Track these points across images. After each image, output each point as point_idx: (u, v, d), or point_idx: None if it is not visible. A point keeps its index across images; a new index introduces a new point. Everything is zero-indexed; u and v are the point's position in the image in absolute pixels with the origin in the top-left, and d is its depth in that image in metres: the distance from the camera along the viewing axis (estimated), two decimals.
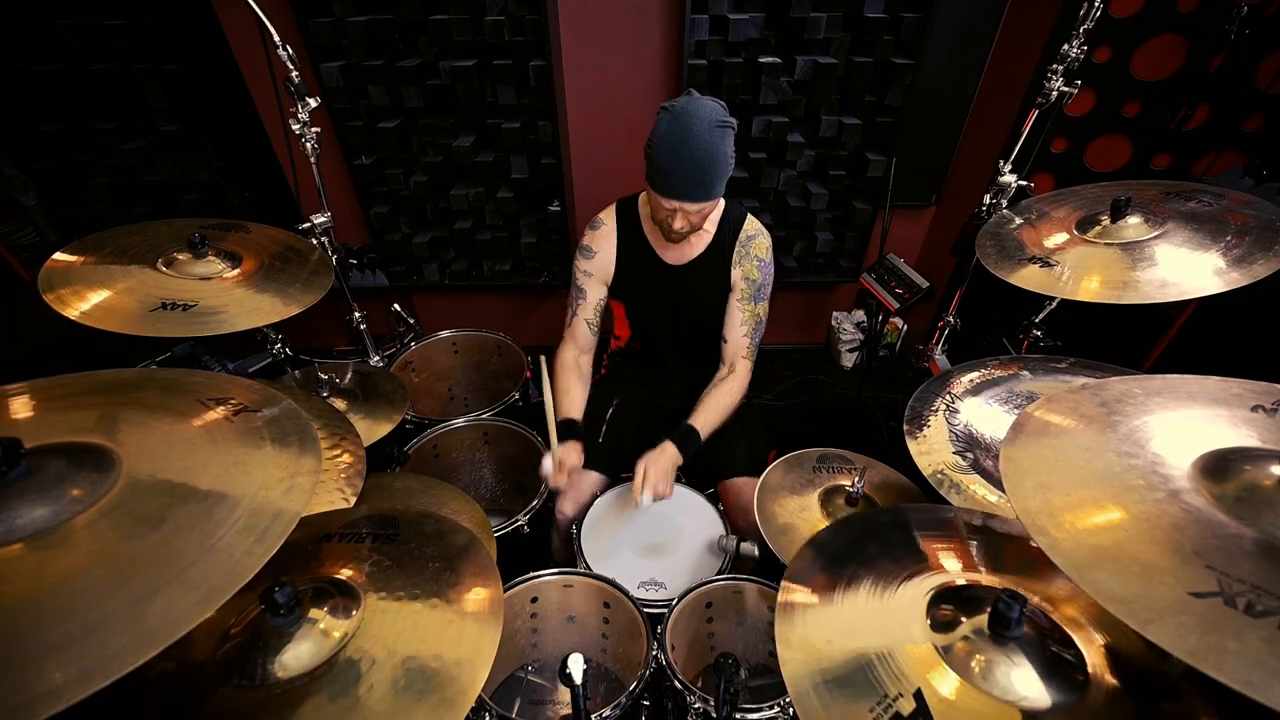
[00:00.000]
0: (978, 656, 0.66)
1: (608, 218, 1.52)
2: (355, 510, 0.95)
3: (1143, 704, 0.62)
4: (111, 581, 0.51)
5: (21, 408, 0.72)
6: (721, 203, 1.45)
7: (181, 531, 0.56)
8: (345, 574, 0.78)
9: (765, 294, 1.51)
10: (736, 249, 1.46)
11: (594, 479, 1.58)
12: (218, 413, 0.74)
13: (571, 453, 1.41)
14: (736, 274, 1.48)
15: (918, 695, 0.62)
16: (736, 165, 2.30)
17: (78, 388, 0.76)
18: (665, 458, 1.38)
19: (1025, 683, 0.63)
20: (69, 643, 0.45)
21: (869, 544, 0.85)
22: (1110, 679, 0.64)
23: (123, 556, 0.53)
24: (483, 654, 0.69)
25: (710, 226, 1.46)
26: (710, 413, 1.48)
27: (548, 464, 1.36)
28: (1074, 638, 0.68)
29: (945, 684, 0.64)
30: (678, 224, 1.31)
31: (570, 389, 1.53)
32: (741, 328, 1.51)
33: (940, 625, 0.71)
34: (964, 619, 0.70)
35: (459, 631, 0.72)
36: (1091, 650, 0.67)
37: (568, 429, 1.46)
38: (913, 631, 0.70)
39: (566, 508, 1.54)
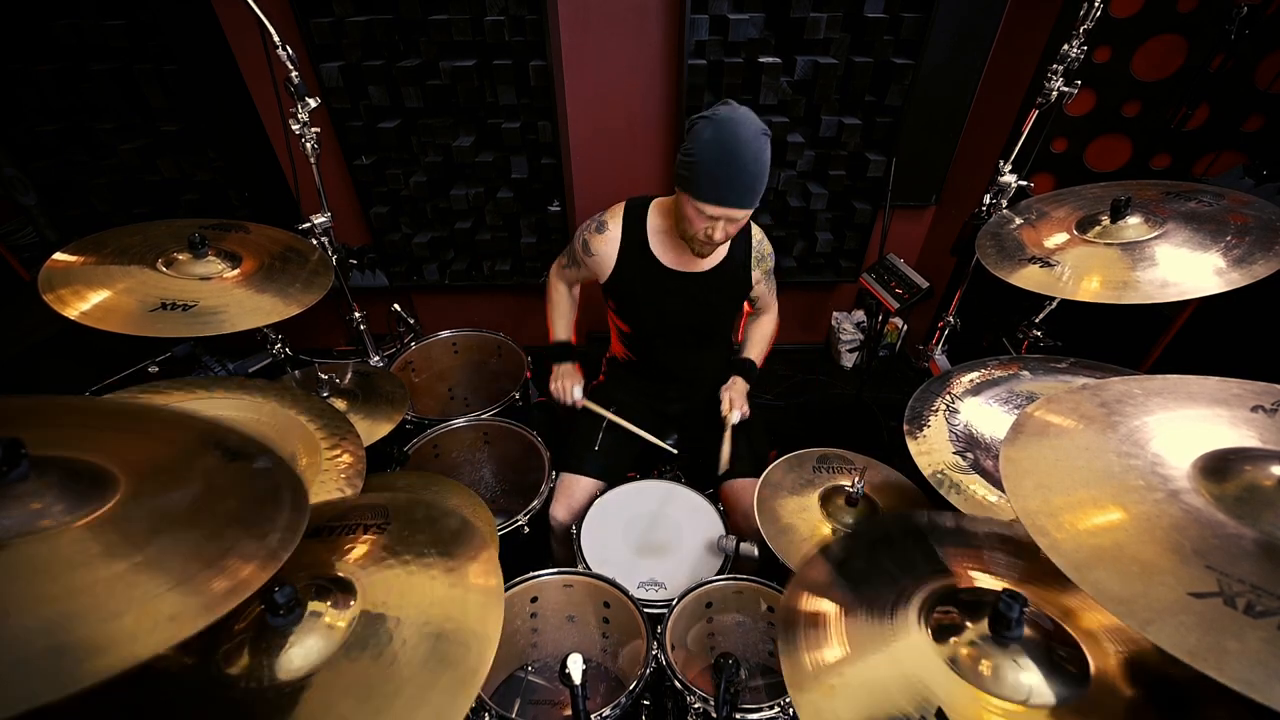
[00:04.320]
0: (983, 661, 0.65)
1: (614, 222, 1.48)
2: (344, 503, 0.95)
3: (1147, 697, 0.61)
4: (102, 593, 0.50)
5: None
6: None
7: (167, 555, 0.56)
8: (349, 557, 0.79)
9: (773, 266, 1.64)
10: (754, 253, 1.52)
11: (589, 485, 1.58)
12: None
13: (573, 374, 1.66)
14: (757, 273, 1.56)
15: (939, 714, 0.61)
16: None
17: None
18: (739, 384, 1.62)
19: (1031, 683, 0.63)
20: (48, 652, 0.45)
21: (884, 558, 0.82)
22: (1121, 684, 0.63)
23: (98, 577, 0.52)
24: (491, 614, 0.72)
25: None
26: (758, 344, 1.71)
27: (576, 392, 1.62)
28: (1078, 639, 0.68)
29: (953, 690, 0.64)
30: (719, 235, 1.29)
31: (562, 314, 1.73)
32: (768, 294, 1.68)
33: (942, 630, 0.70)
34: (968, 624, 0.69)
35: (464, 598, 0.74)
36: (1099, 655, 0.66)
37: (564, 351, 1.69)
38: (916, 639, 0.70)
39: (559, 513, 1.53)
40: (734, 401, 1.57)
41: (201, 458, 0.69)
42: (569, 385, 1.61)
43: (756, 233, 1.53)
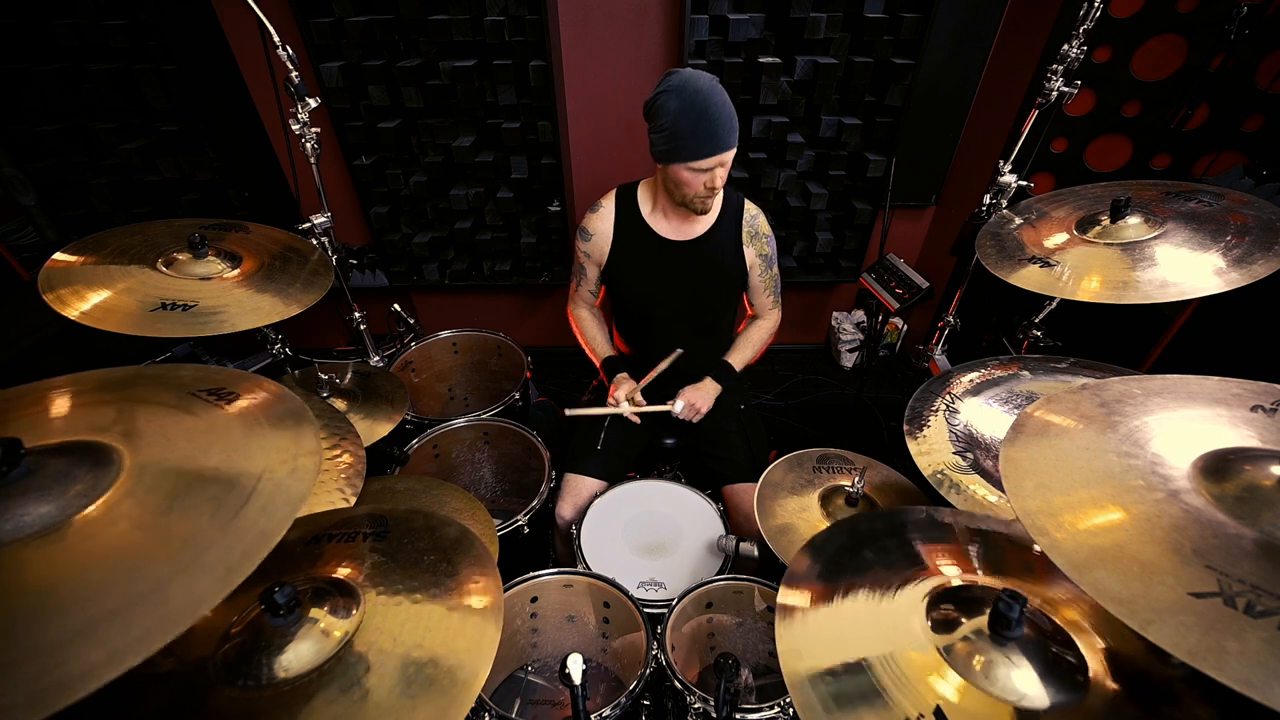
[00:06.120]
0: (978, 657, 0.65)
1: (607, 201, 1.56)
2: (345, 511, 0.95)
3: (1144, 706, 0.61)
4: (127, 569, 0.51)
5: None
6: None
7: (190, 517, 0.57)
8: (342, 573, 0.78)
9: (775, 258, 1.63)
10: (745, 227, 1.53)
11: (592, 485, 1.58)
12: (213, 403, 0.74)
13: (626, 383, 1.60)
14: (751, 252, 1.55)
15: (937, 712, 0.61)
16: (736, 165, 2.32)
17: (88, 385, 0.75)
18: (704, 385, 1.60)
19: (1026, 683, 0.63)
20: (93, 627, 0.46)
21: (865, 550, 0.84)
22: (1111, 682, 0.64)
23: (136, 545, 0.53)
24: (486, 644, 0.70)
25: (715, 204, 1.50)
26: (743, 349, 1.67)
27: (622, 403, 1.56)
28: (1075, 639, 0.68)
29: (948, 687, 0.64)
30: (719, 180, 1.36)
31: (596, 336, 1.73)
32: (765, 294, 1.65)
33: (940, 626, 0.71)
34: (964, 620, 0.69)
35: (461, 624, 0.72)
36: (1092, 655, 0.67)
37: (611, 365, 1.66)
38: (914, 631, 0.70)
39: (565, 511, 1.55)
40: (684, 395, 1.55)
41: (195, 407, 0.70)
42: (625, 391, 1.62)
43: (750, 207, 1.55)
